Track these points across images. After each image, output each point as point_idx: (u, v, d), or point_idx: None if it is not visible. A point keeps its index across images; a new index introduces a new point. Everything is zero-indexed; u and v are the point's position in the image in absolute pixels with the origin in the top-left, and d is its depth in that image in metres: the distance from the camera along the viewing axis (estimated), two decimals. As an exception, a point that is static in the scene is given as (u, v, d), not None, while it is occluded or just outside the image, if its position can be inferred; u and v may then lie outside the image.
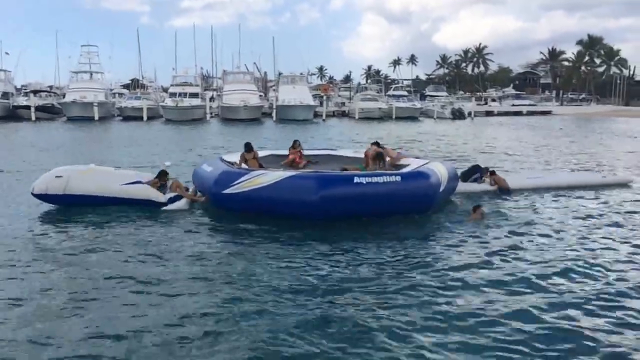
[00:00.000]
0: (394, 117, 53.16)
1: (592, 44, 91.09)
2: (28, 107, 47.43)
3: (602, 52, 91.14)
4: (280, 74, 62.98)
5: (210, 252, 7.52)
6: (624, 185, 12.95)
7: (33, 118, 46.14)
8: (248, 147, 11.38)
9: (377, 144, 11.68)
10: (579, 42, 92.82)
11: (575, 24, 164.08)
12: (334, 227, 8.65)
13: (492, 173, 12.25)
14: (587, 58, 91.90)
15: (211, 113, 52.20)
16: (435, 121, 51.95)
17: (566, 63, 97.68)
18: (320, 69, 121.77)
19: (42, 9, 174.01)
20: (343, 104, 64.33)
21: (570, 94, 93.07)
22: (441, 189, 9.79)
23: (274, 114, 50.12)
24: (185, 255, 7.32)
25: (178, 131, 36.42)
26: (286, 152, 12.86)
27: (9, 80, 53.83)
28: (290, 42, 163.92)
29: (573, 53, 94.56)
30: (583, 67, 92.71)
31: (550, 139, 29.73)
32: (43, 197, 10.04)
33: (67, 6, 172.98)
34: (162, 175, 10.67)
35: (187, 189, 10.74)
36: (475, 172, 12.40)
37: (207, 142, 27.23)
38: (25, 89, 58.87)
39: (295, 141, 12.89)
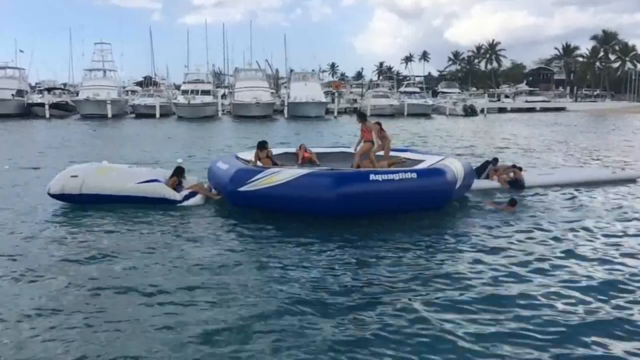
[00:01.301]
0: (405, 113, 53.09)
1: (606, 40, 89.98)
2: (42, 105, 47.99)
3: (617, 47, 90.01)
4: (291, 71, 63.13)
5: (225, 252, 7.44)
6: (634, 181, 13.08)
7: (47, 115, 46.63)
8: (261, 146, 11.21)
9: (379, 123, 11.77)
10: (594, 38, 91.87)
11: (588, 19, 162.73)
12: (350, 225, 8.59)
13: (520, 169, 12.34)
14: (601, 54, 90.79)
15: (223, 110, 52.48)
16: (447, 118, 51.74)
17: (580, 59, 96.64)
18: (332, 65, 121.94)
19: (48, 6, 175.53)
20: (355, 100, 64.17)
21: (585, 90, 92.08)
22: (457, 186, 9.71)
23: (285, 111, 50.23)
24: (198, 256, 7.18)
25: (190, 128, 36.56)
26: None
27: (24, 78, 54.46)
28: (302, 39, 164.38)
29: (587, 49, 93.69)
30: (598, 63, 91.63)
31: (564, 136, 29.41)
32: (59, 197, 10.07)
33: (74, 3, 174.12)
34: (180, 172, 10.58)
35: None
36: (487, 168, 12.43)
37: (220, 139, 27.31)
38: (39, 87, 59.44)
39: (300, 145, 13.12)
